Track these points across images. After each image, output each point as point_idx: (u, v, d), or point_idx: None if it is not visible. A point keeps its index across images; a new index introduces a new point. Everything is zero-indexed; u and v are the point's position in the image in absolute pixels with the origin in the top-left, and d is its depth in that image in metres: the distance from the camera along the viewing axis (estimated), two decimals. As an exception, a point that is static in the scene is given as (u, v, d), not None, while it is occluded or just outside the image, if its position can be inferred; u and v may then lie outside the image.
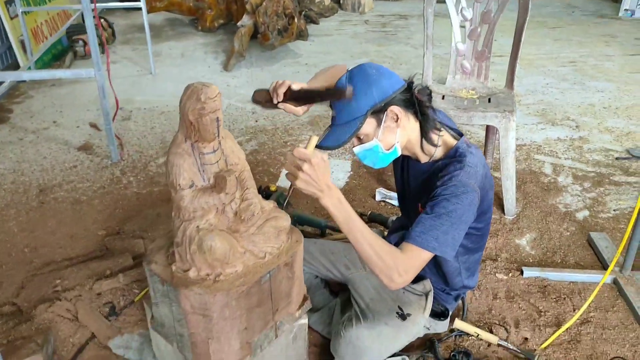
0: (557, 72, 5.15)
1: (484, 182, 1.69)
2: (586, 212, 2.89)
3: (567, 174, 3.28)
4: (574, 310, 2.19)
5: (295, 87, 1.69)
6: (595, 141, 3.71)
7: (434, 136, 1.72)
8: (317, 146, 1.62)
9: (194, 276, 1.54)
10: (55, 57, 5.36)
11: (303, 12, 6.10)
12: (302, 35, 5.94)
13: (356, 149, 1.71)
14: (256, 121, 4.10)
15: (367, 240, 1.54)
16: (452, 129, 1.83)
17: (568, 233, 2.72)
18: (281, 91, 1.71)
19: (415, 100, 1.66)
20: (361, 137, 1.68)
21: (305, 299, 1.83)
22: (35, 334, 2.02)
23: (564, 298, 2.26)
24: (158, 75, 5.03)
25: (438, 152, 1.75)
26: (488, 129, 3.27)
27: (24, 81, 4.75)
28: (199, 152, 1.52)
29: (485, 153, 3.35)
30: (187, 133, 1.51)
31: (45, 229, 2.75)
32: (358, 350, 1.77)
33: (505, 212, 2.85)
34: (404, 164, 1.91)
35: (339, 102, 1.63)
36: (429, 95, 1.69)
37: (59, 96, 4.53)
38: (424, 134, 1.71)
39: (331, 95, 1.65)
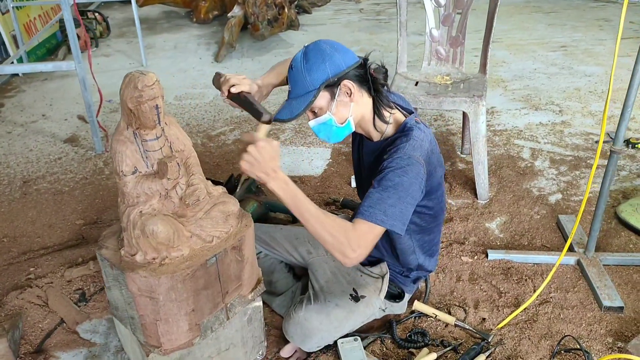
0: (546, 57, 5.12)
1: (430, 157, 1.71)
2: (559, 196, 2.90)
3: (545, 158, 3.28)
4: (535, 291, 2.21)
5: (235, 89, 1.77)
6: (577, 125, 3.70)
7: (386, 113, 1.76)
8: (275, 119, 1.69)
9: (140, 260, 1.59)
10: (50, 51, 5.44)
11: (295, 2, 6.10)
12: (293, 25, 5.95)
13: (311, 123, 1.75)
14: (242, 111, 4.12)
15: (316, 219, 1.56)
16: (405, 109, 1.86)
17: (538, 216, 2.73)
18: (225, 88, 1.79)
19: (370, 77, 1.70)
20: (315, 111, 1.72)
21: (259, 282, 1.87)
22: (4, 319, 2.09)
23: (526, 279, 2.28)
24: (149, 67, 5.08)
25: (389, 130, 1.79)
26: (465, 114, 3.28)
27: (17, 75, 4.84)
28: (141, 139, 1.57)
29: (462, 138, 3.36)
30: (128, 120, 1.55)
31: (26, 219, 2.82)
32: (306, 331, 1.82)
33: (478, 196, 2.87)
34: (360, 145, 1.94)
35: (293, 76, 1.68)
36: (385, 74, 1.74)
37: (50, 90, 4.61)
38: (376, 109, 1.75)
39: (253, 113, 1.71)
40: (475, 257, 2.43)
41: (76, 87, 4.55)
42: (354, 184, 3.06)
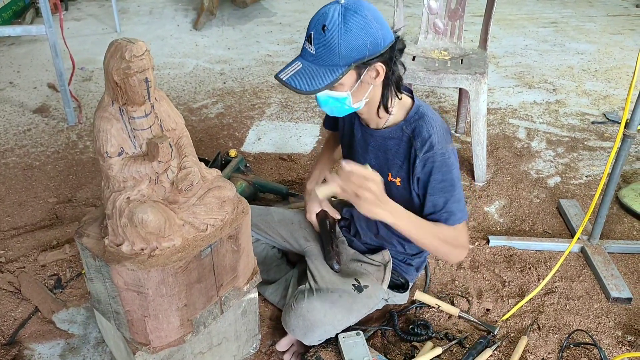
0: (537, 33, 5.01)
1: (450, 134, 1.65)
2: (558, 179, 2.81)
3: (541, 139, 3.19)
4: (539, 280, 2.12)
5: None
6: (572, 105, 3.61)
7: (394, 100, 1.60)
8: (282, 82, 1.47)
9: (127, 251, 1.43)
10: (16, 14, 5.08)
11: (278, -32, 5.84)
12: (276, -8, 5.70)
13: (321, 93, 1.51)
14: (224, 83, 3.93)
15: (436, 235, 1.55)
16: (403, 88, 1.70)
17: (538, 200, 2.64)
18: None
19: (394, 57, 1.50)
20: (335, 85, 1.48)
21: (254, 272, 1.73)
22: (-28, 308, 1.92)
23: (530, 268, 2.19)
24: (123, 33, 4.81)
25: (396, 115, 1.63)
26: (461, 91, 3.15)
27: (-19, 39, 4.53)
28: (128, 116, 1.39)
29: (457, 117, 3.23)
30: (113, 95, 1.37)
31: (-7, 196, 2.61)
32: (309, 323, 1.68)
33: (475, 178, 2.76)
34: (356, 130, 1.77)
35: (323, 38, 1.42)
36: (402, 49, 1.53)
37: (17, 56, 4.32)
38: (385, 91, 1.56)
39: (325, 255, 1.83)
40: (476, 243, 2.32)
41: (45, 53, 4.29)
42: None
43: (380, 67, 1.47)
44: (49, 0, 2.97)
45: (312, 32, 1.45)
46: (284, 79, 1.48)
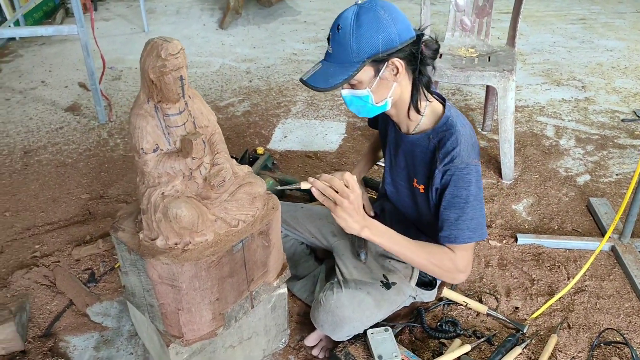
0: (565, 29, 4.94)
1: (478, 147, 1.62)
2: (587, 177, 2.78)
3: (570, 137, 3.15)
4: (569, 279, 2.11)
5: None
6: (602, 102, 3.56)
7: (423, 102, 1.60)
8: (302, 82, 1.52)
9: (161, 245, 1.46)
10: (47, 14, 5.21)
11: (303, -33, 5.87)
12: (301, -9, 5.73)
13: (344, 92, 1.56)
14: (250, 81, 3.97)
15: (418, 255, 1.55)
16: (435, 94, 1.69)
17: (567, 198, 2.61)
18: None
19: (419, 55, 1.50)
20: (353, 83, 1.52)
21: (284, 267, 1.75)
22: (10, 300, 1.97)
23: (559, 266, 2.17)
24: (151, 33, 4.87)
25: (426, 121, 1.62)
26: (488, 89, 3.13)
27: (14, 39, 4.63)
28: (163, 113, 1.42)
29: (484, 115, 3.21)
30: (149, 93, 1.40)
31: (28, 193, 2.68)
32: (338, 319, 1.69)
33: (503, 176, 2.74)
34: (390, 135, 1.77)
35: (338, 38, 1.46)
36: (436, 50, 1.53)
37: (48, 55, 4.41)
38: (414, 92, 1.56)
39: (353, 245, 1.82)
40: (504, 242, 2.31)
41: (76, 53, 4.38)
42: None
43: (398, 62, 1.47)
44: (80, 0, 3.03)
45: (331, 33, 1.50)
46: (304, 79, 1.52)
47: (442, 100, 1.65)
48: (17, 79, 3.96)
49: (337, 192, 1.41)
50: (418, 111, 1.58)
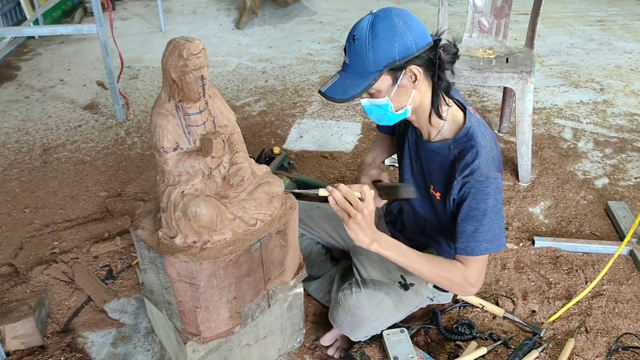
0: (583, 31, 4.90)
1: (499, 158, 1.60)
2: (605, 180, 2.75)
3: (588, 140, 3.12)
4: (586, 283, 2.09)
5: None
6: (620, 105, 3.52)
7: (444, 107, 1.58)
8: (321, 93, 1.52)
9: (180, 243, 1.47)
10: (66, 13, 5.26)
11: (319, -33, 5.87)
12: (317, -9, 5.74)
13: (363, 101, 1.56)
14: (266, 81, 3.98)
15: (427, 268, 1.56)
16: (456, 100, 1.68)
17: (585, 202, 2.59)
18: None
19: (437, 61, 1.48)
20: (372, 92, 1.51)
21: (300, 267, 1.76)
22: (30, 296, 2.00)
23: (577, 270, 2.15)
24: (168, 32, 4.91)
25: (446, 130, 1.59)
26: (505, 91, 3.11)
27: (33, 38, 4.69)
28: (183, 112, 1.43)
29: (501, 116, 3.20)
30: (170, 92, 1.41)
31: (47, 190, 2.71)
32: (356, 320, 1.70)
33: (520, 178, 2.73)
34: (416, 138, 1.76)
35: (354, 48, 1.46)
36: (455, 54, 1.52)
37: (67, 54, 4.46)
38: (434, 98, 1.54)
39: (399, 193, 1.70)
40: (521, 244, 2.30)
41: (94, 52, 4.42)
42: (387, 162, 2.91)
43: (416, 69, 1.45)
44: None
45: (347, 44, 1.49)
46: (323, 91, 1.52)
47: (463, 107, 1.62)
48: (36, 77, 4.01)
49: (351, 205, 1.43)
50: (440, 116, 1.56)
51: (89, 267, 2.18)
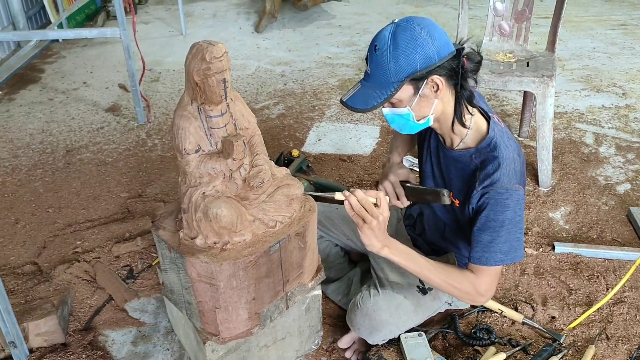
0: (605, 35, 4.84)
1: (522, 170, 1.58)
2: (628, 186, 2.72)
3: (610, 145, 3.09)
4: (608, 289, 2.07)
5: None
6: (643, 110, 3.48)
7: (467, 115, 1.56)
8: (343, 103, 1.53)
9: (200, 244, 1.49)
10: (89, 17, 5.35)
11: (338, -29, 5.89)
12: (336, -5, 5.76)
13: (385, 111, 1.56)
14: (285, 84, 4.00)
15: (436, 276, 1.56)
16: (480, 108, 1.66)
17: (607, 207, 2.56)
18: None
19: (460, 70, 1.47)
20: (394, 102, 1.51)
21: (319, 269, 1.77)
22: (53, 294, 2.04)
23: (597, 276, 2.13)
24: (189, 36, 4.96)
25: (469, 138, 1.58)
26: (526, 95, 3.09)
27: (57, 41, 4.77)
28: (205, 115, 1.45)
29: (521, 120, 3.17)
30: (193, 95, 1.44)
31: (70, 190, 2.76)
32: (374, 323, 1.70)
33: (540, 183, 2.70)
34: (437, 144, 1.73)
35: (375, 58, 1.46)
36: (479, 62, 1.51)
37: (90, 57, 4.53)
38: (457, 107, 1.53)
39: (431, 198, 1.68)
40: (540, 250, 2.28)
41: (116, 55, 4.49)
42: (406, 164, 2.90)
43: (438, 79, 1.45)
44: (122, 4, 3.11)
45: (368, 54, 1.49)
46: (344, 100, 1.53)
47: (487, 115, 1.60)
48: (60, 80, 4.08)
49: (367, 211, 1.45)
50: (463, 125, 1.55)
51: (110, 267, 2.21)
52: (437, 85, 1.46)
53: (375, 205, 1.47)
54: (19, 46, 4.58)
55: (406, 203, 1.79)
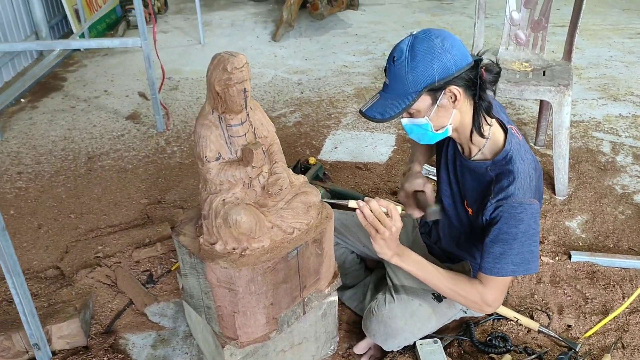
0: (623, 44, 4.82)
1: (537, 185, 1.59)
2: (645, 195, 2.71)
3: (627, 153, 3.08)
4: (624, 298, 2.06)
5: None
6: (661, 118, 3.46)
7: (485, 126, 1.57)
8: (361, 113, 1.56)
9: (220, 249, 1.53)
10: (109, 26, 5.45)
11: (355, -19, 5.94)
12: (352, 4, 5.81)
13: (404, 121, 1.58)
14: (302, 92, 4.05)
15: (445, 284, 1.60)
16: (499, 119, 1.68)
17: (623, 216, 2.55)
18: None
19: (478, 81, 1.49)
20: (412, 112, 1.54)
21: (335, 275, 1.80)
22: (75, 298, 2.08)
23: (614, 285, 2.12)
24: (207, 45, 5.03)
25: (487, 149, 1.60)
26: (542, 103, 3.10)
27: (79, 50, 4.88)
28: (226, 123, 1.49)
29: (538, 129, 3.18)
30: (214, 104, 1.48)
31: (91, 196, 2.82)
32: (390, 329, 1.72)
33: (556, 192, 2.71)
34: (455, 153, 1.74)
35: (393, 70, 1.49)
36: (497, 74, 1.52)
37: (111, 65, 4.62)
38: (475, 118, 1.55)
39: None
40: (557, 258, 2.28)
41: (136, 63, 4.57)
42: (423, 172, 2.92)
43: (456, 90, 1.47)
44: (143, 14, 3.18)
45: (387, 65, 1.53)
46: (363, 110, 1.56)
47: (506, 127, 1.61)
48: (81, 88, 4.17)
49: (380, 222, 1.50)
50: (482, 135, 1.56)
51: (130, 272, 2.26)
52: (455, 96, 1.48)
53: (387, 215, 1.51)
54: (42, 55, 4.70)
55: (418, 214, 1.82)
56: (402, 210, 1.58)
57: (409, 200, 1.85)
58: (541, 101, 3.08)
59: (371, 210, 1.50)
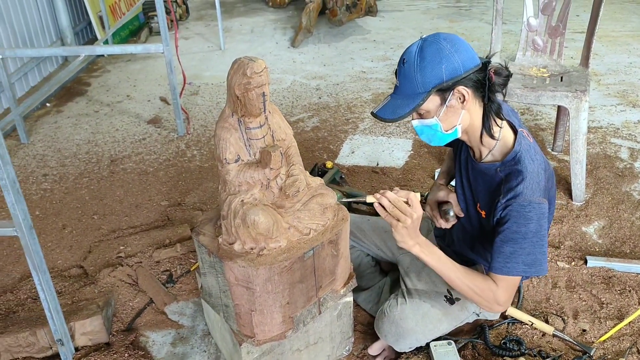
0: (643, 50, 4.79)
1: (547, 186, 1.60)
2: (663, 201, 2.70)
3: (646, 160, 3.07)
4: (639, 304, 2.06)
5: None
6: (681, 125, 3.43)
7: (495, 128, 1.61)
8: (373, 114, 1.60)
9: (238, 249, 1.57)
10: (132, 33, 5.56)
11: (373, -13, 5.98)
12: (371, 11, 5.84)
13: (414, 122, 1.62)
14: (319, 98, 4.09)
15: (461, 279, 1.61)
16: (509, 121, 1.70)
17: (641, 222, 2.55)
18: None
19: (487, 82, 1.52)
20: (421, 113, 1.58)
21: (351, 277, 1.83)
22: (97, 296, 2.15)
23: (630, 290, 2.12)
24: (227, 50, 5.11)
25: (497, 151, 1.62)
26: (560, 109, 3.10)
27: (102, 56, 4.99)
28: (245, 126, 1.54)
29: (555, 135, 3.18)
30: (233, 107, 1.52)
31: (114, 198, 2.89)
32: (401, 330, 1.75)
33: (573, 197, 2.70)
34: (467, 156, 1.77)
35: (404, 71, 1.53)
36: (507, 77, 1.55)
37: (133, 71, 4.72)
38: (485, 119, 1.58)
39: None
40: (572, 263, 2.29)
41: (158, 69, 4.66)
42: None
43: (464, 90, 1.50)
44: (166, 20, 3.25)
45: (397, 68, 1.57)
46: (374, 112, 1.60)
47: (515, 129, 1.63)
48: (105, 93, 4.27)
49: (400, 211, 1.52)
50: (492, 136, 1.59)
51: (151, 271, 2.31)
52: (464, 96, 1.51)
53: (407, 203, 1.53)
54: (67, 60, 4.82)
55: (445, 224, 1.87)
56: (420, 196, 1.61)
57: (435, 213, 1.90)
58: (559, 107, 3.08)
59: (390, 201, 1.53)
